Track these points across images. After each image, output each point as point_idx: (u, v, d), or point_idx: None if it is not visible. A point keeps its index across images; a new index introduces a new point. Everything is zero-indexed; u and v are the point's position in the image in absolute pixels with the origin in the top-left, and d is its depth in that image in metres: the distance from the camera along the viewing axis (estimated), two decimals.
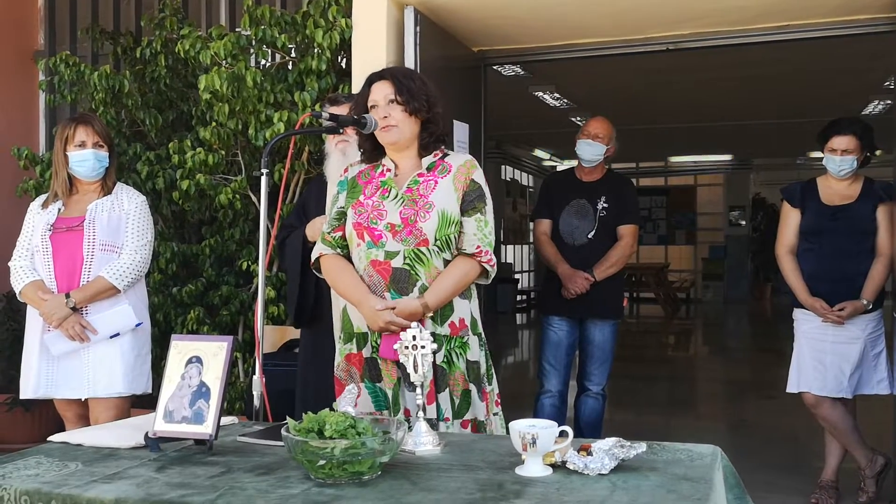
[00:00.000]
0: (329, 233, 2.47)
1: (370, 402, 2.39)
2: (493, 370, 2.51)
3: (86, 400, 3.26)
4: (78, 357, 3.22)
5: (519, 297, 14.70)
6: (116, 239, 3.27)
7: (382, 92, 2.39)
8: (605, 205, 4.13)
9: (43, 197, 3.40)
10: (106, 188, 3.33)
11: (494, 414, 2.48)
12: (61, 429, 2.93)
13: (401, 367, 2.32)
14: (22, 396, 3.31)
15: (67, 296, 3.16)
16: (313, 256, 2.53)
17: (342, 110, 2.88)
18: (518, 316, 14.07)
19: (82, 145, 3.26)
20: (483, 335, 2.50)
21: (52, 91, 4.75)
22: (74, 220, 3.26)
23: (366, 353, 2.41)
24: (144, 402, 3.31)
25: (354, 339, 2.43)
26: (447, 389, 2.36)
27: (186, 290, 4.23)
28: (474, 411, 2.40)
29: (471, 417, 2.39)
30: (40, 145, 5.37)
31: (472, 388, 2.40)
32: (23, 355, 3.33)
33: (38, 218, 3.30)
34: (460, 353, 2.38)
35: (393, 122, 2.37)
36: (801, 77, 7.84)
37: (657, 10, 4.02)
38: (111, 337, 3.23)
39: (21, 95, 5.35)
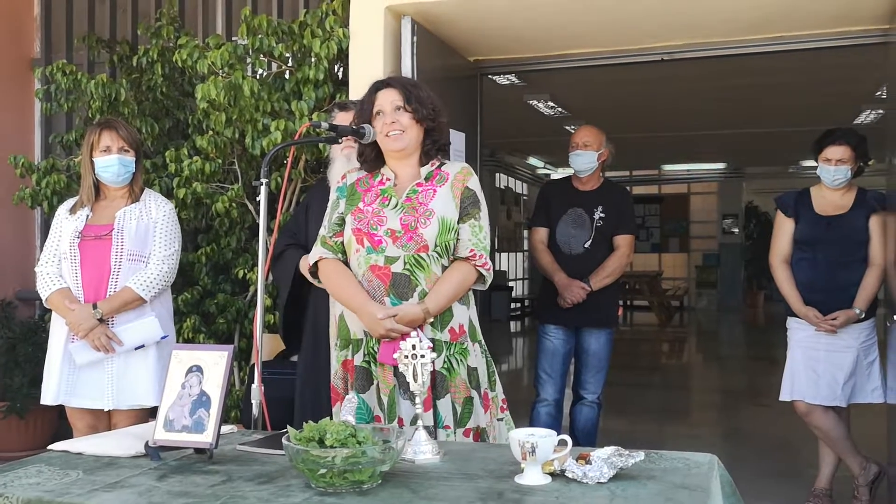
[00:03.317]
0: (330, 237, 2.48)
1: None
2: (496, 376, 2.53)
3: (106, 411, 3.26)
4: (101, 367, 3.22)
5: (513, 305, 14.72)
6: (144, 248, 3.27)
7: (389, 98, 2.42)
8: (601, 214, 4.16)
9: (70, 202, 3.39)
10: (133, 194, 3.33)
11: (499, 419, 2.49)
12: (56, 437, 2.93)
13: (398, 374, 2.34)
14: (42, 402, 3.31)
15: (95, 306, 3.16)
16: (311, 260, 2.52)
17: (350, 115, 2.89)
18: (512, 324, 14.08)
19: (107, 150, 3.26)
20: (483, 342, 2.52)
21: (48, 99, 4.75)
22: (103, 228, 3.26)
23: (357, 360, 2.42)
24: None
25: (350, 346, 2.44)
26: (448, 396, 2.36)
27: (182, 298, 4.22)
28: (476, 419, 2.41)
29: (473, 426, 2.40)
30: (36, 154, 5.37)
31: (474, 394, 2.41)
32: (45, 362, 3.34)
33: (66, 224, 3.29)
34: (461, 359, 2.40)
35: (401, 128, 2.40)
36: (794, 87, 7.88)
37: (652, 22, 4.05)
38: (136, 349, 3.24)
39: (17, 104, 5.34)
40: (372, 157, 2.49)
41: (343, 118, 2.97)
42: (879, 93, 7.78)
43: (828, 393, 3.75)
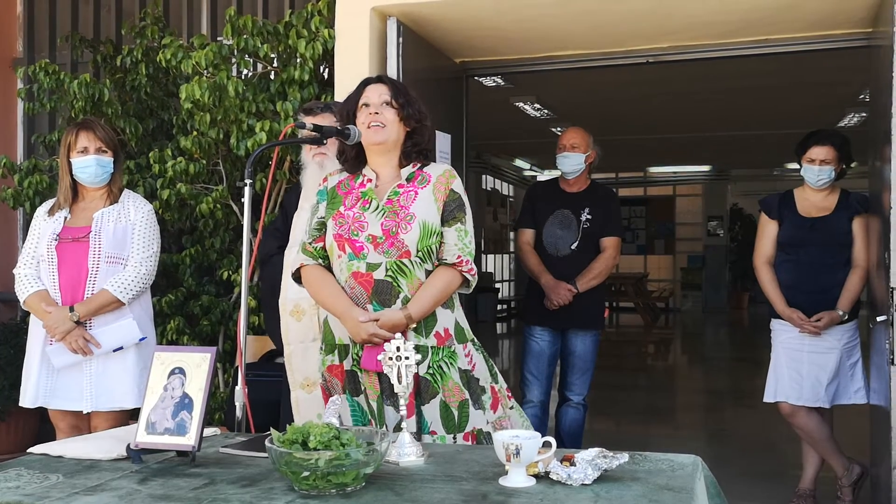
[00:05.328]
0: (310, 243, 2.47)
1: (349, 417, 2.39)
2: (495, 368, 2.52)
3: (85, 413, 3.23)
4: (79, 369, 3.19)
5: (499, 307, 14.73)
6: (122, 250, 3.24)
7: (377, 91, 2.43)
8: (588, 216, 4.16)
9: (49, 203, 3.36)
10: (112, 195, 3.30)
11: (511, 408, 2.50)
12: (38, 440, 2.90)
13: (382, 379, 2.33)
14: (21, 404, 3.29)
15: (71, 309, 3.13)
16: (293, 267, 2.52)
17: (317, 120, 2.88)
18: (498, 325, 14.09)
19: (84, 151, 3.23)
20: (475, 340, 2.51)
21: (30, 99, 4.70)
22: (80, 230, 3.23)
23: (346, 365, 2.41)
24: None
25: (336, 351, 2.43)
26: (436, 402, 2.34)
27: (166, 299, 4.20)
28: (474, 422, 2.39)
29: (471, 429, 2.39)
30: (18, 154, 5.32)
31: (468, 396, 2.39)
32: (24, 364, 3.31)
33: (45, 226, 3.27)
34: (450, 363, 2.38)
35: (384, 121, 2.39)
36: (779, 90, 7.93)
37: (638, 24, 4.05)
38: (114, 351, 3.21)
39: None
40: (352, 157, 2.47)
41: (309, 122, 2.94)
42: (863, 96, 7.83)
43: (811, 394, 3.77)
